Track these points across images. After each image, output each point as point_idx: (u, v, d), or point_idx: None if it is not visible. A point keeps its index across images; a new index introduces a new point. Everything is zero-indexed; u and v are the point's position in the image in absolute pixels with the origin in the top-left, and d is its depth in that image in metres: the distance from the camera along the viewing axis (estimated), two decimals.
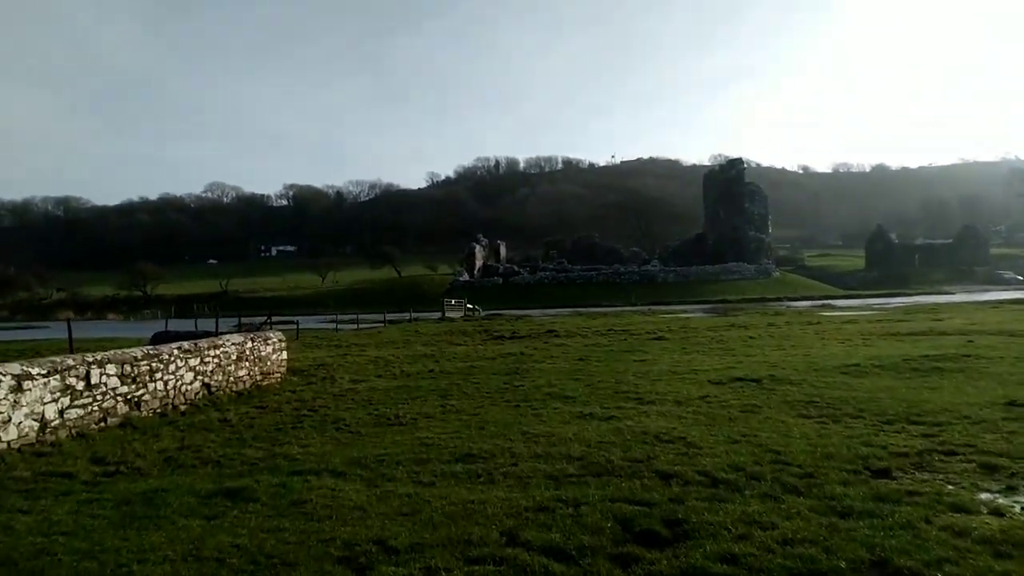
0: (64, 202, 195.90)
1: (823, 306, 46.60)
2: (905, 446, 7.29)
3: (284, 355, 16.29)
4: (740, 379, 12.39)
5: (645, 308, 50.79)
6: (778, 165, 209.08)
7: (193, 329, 28.08)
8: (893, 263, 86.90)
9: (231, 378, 13.74)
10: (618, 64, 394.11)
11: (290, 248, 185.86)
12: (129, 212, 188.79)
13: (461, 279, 77.36)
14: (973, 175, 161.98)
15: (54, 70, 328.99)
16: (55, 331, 38.30)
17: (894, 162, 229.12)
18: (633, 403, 10.59)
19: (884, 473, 6.41)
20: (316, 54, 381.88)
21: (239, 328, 28.12)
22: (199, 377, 12.80)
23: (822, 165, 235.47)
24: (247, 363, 14.43)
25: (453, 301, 51.46)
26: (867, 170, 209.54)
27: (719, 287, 69.63)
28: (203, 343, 13.23)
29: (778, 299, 58.83)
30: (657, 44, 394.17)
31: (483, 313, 48.81)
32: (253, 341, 14.85)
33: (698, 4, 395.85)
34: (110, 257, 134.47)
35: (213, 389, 13.13)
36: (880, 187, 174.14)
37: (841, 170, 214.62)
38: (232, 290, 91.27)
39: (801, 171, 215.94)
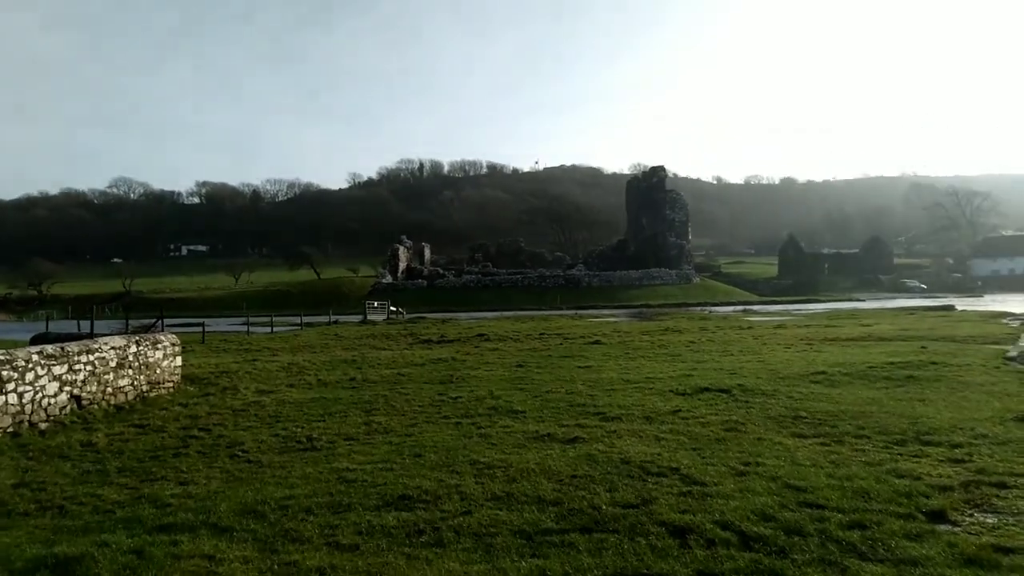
0: None
1: (744, 311, 46.76)
2: (941, 475, 5.97)
3: (178, 361, 13.99)
4: (706, 389, 10.99)
5: (571, 312, 49.78)
6: (694, 176, 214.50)
7: (76, 331, 24.98)
8: (804, 271, 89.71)
9: (109, 389, 11.58)
10: (542, 70, 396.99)
11: (202, 248, 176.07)
12: (26, 207, 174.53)
13: (384, 281, 74.39)
14: (875, 189, 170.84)
15: None
16: None
17: (801, 175, 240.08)
18: (595, 419, 8.99)
19: (940, 516, 5.04)
20: (231, 46, 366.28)
21: (126, 330, 25.10)
22: (66, 388, 10.69)
23: (735, 177, 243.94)
24: (130, 371, 12.24)
25: (376, 304, 48.94)
26: (776, 182, 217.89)
27: (641, 292, 69.59)
28: (73, 347, 10.97)
29: (700, 304, 59.03)
30: (579, 50, 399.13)
31: (407, 316, 46.54)
32: (139, 345, 12.64)
33: (621, 6, 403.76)
34: (4, 254, 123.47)
35: (84, 403, 11.00)
36: (788, 199, 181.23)
37: (752, 182, 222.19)
38: (136, 290, 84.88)
39: (715, 182, 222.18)
